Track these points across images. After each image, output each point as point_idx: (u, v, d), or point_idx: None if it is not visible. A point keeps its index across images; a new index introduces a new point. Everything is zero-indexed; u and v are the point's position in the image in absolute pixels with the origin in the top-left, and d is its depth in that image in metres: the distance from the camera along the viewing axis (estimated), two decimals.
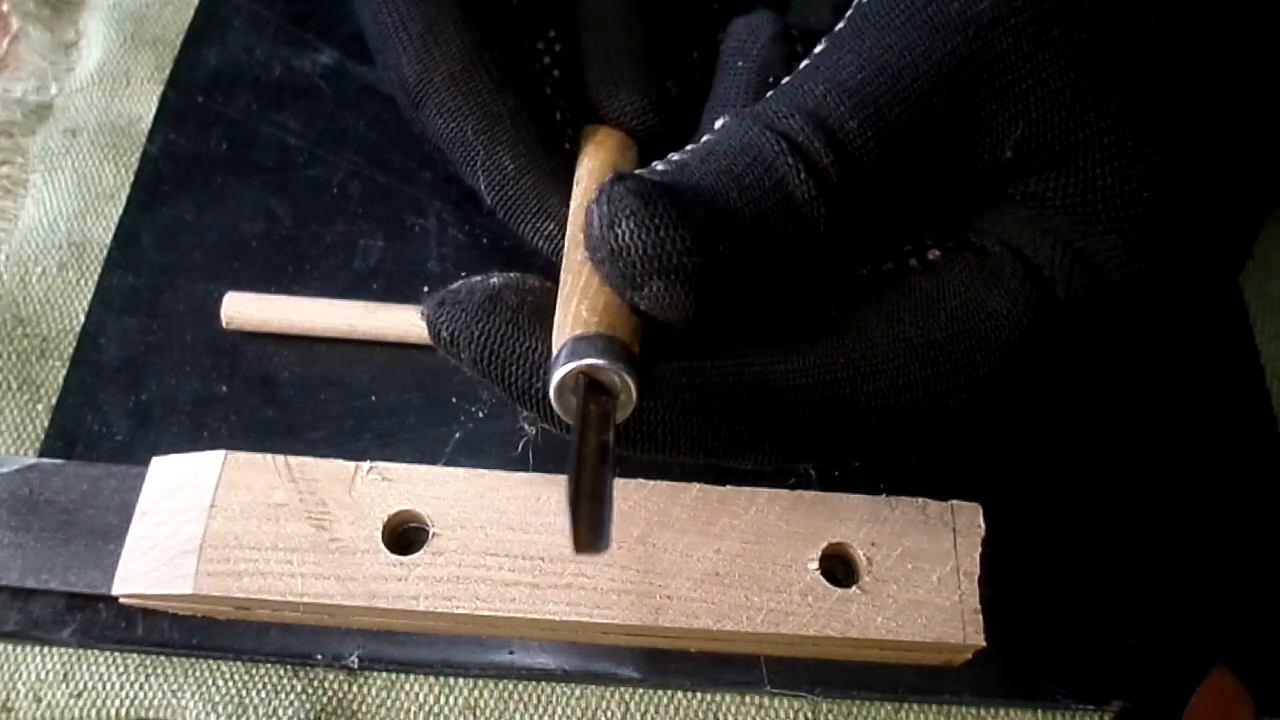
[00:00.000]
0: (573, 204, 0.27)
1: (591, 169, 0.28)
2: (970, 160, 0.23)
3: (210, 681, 0.28)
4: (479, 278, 0.23)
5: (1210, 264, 0.24)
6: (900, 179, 0.22)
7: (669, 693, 0.29)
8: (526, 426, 0.31)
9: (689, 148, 0.23)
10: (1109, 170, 0.22)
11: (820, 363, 0.22)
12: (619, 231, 0.20)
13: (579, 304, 0.21)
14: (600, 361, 0.19)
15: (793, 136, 0.22)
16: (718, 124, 0.24)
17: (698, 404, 0.22)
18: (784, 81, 0.24)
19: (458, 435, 0.32)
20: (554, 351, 0.21)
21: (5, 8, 0.41)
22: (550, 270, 0.28)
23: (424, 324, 0.23)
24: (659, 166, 0.23)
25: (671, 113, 0.30)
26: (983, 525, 0.27)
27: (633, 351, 0.20)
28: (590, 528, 0.17)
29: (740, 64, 0.27)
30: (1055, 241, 0.23)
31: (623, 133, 0.30)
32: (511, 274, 0.23)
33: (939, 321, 0.23)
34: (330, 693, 0.29)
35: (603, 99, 0.30)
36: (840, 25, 0.24)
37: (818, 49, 0.24)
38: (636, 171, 0.22)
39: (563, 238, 0.28)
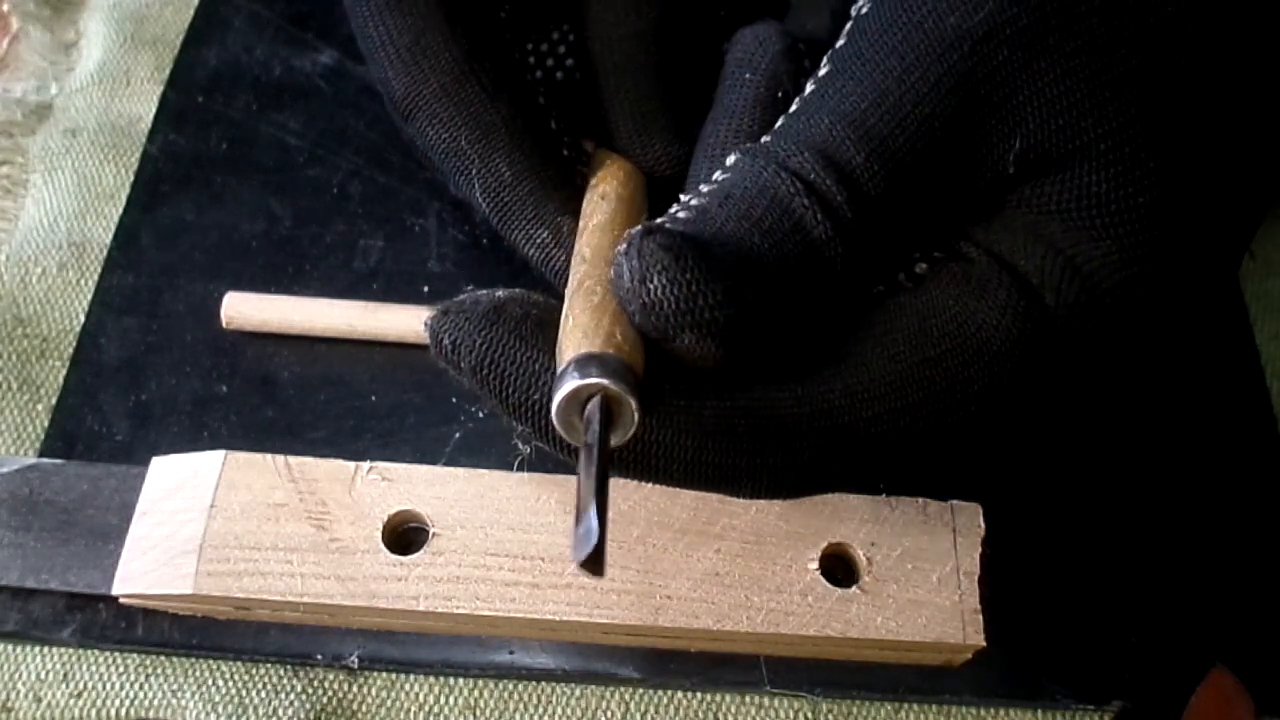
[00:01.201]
0: (591, 221, 0.27)
1: (614, 194, 0.28)
2: (974, 177, 0.23)
3: (210, 681, 0.28)
4: (484, 291, 0.23)
5: (1202, 270, 0.24)
6: (907, 203, 0.22)
7: (669, 693, 0.29)
8: (521, 445, 0.31)
9: (704, 189, 0.23)
10: (1105, 176, 0.22)
11: (817, 391, 0.22)
12: (651, 287, 0.20)
13: (589, 320, 0.21)
14: (609, 382, 0.20)
15: (805, 175, 0.22)
16: (730, 160, 0.24)
17: (694, 429, 0.22)
18: (790, 110, 0.24)
19: (458, 435, 0.32)
20: (560, 366, 0.21)
21: (5, 8, 0.41)
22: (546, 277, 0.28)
23: (426, 334, 0.23)
24: (680, 214, 0.23)
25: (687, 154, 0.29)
26: (983, 525, 0.27)
27: (639, 375, 0.20)
28: (598, 547, 0.18)
29: (748, 76, 0.27)
30: (1046, 249, 0.23)
31: (632, 165, 0.30)
32: (516, 289, 0.23)
33: (931, 339, 0.23)
34: (330, 693, 0.29)
35: (634, 147, 0.30)
36: (841, 42, 0.24)
37: (821, 71, 0.24)
38: (660, 222, 0.22)
39: (556, 246, 0.28)
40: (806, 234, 0.22)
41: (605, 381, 0.20)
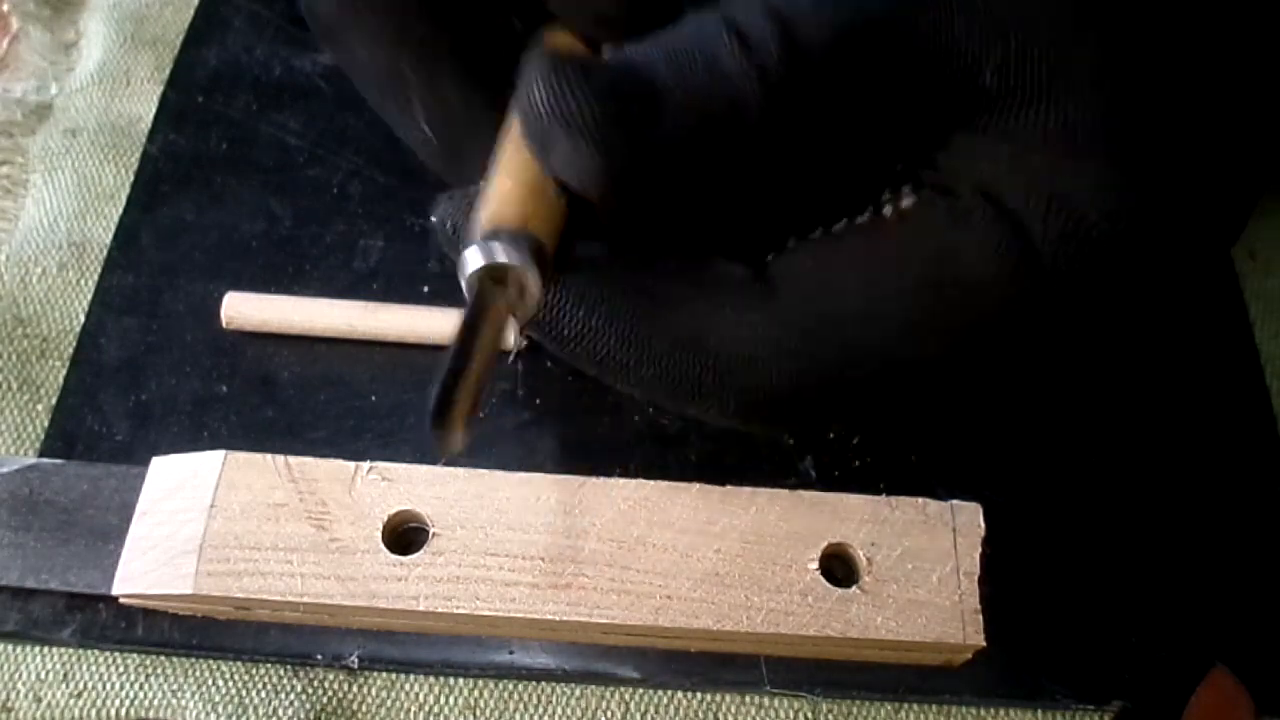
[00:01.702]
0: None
1: None
2: (941, 79, 0.22)
3: (210, 681, 0.28)
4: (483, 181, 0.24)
5: (1199, 213, 0.23)
6: (859, 85, 0.21)
7: (669, 693, 0.29)
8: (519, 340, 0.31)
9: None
10: (1090, 104, 0.22)
11: (790, 316, 0.22)
12: (529, 92, 0.20)
13: (498, 188, 0.21)
14: (503, 259, 0.20)
15: (739, 21, 0.21)
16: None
17: (665, 336, 0.22)
18: None
19: None
20: (464, 243, 0.21)
21: (5, 8, 0.41)
22: None
23: (434, 221, 0.23)
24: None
25: (637, 8, 0.27)
26: (983, 525, 0.27)
27: (543, 248, 0.20)
28: (452, 420, 0.17)
29: None
30: (1032, 181, 0.22)
31: (579, 38, 0.28)
32: None
33: (911, 270, 0.22)
34: (330, 693, 0.28)
35: (569, 4, 0.27)
36: None
37: None
38: None
39: None
40: (719, 67, 0.21)
41: (499, 260, 0.20)
